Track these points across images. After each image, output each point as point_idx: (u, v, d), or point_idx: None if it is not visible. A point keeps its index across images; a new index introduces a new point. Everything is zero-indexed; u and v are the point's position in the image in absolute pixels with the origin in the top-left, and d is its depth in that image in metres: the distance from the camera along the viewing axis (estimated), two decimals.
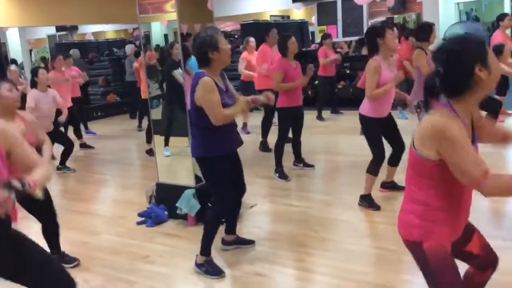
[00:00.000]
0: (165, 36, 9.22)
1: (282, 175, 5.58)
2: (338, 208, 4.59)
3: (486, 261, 2.15)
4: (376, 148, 4.38)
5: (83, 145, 8.42)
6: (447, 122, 1.80)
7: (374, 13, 11.44)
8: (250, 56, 7.73)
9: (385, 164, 4.60)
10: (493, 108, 5.96)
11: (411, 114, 8.62)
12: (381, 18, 11.39)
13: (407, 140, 6.00)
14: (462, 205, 1.97)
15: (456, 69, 1.83)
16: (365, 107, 4.34)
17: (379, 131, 4.38)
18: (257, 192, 5.21)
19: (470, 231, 2.11)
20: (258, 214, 4.63)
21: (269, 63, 6.87)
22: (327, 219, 4.36)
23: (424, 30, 5.14)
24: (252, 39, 7.84)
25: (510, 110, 7.55)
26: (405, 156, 5.63)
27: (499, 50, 5.98)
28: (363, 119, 4.39)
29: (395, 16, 12.37)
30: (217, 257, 3.64)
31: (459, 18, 15.35)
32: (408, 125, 7.14)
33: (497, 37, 7.34)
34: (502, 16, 7.61)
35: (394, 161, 4.66)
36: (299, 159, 5.95)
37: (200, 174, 5.42)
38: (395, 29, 4.34)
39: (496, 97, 6.44)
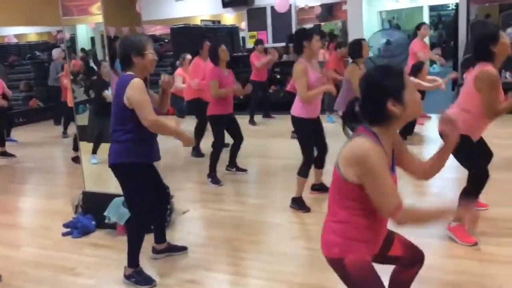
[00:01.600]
0: (92, 39, 8.90)
1: (215, 180, 5.55)
2: (271, 211, 4.63)
3: (412, 259, 2.24)
4: (306, 150, 4.47)
5: (4, 153, 7.93)
6: (369, 150, 1.84)
7: (303, 20, 11.73)
8: (185, 74, 7.55)
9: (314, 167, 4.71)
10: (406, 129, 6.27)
11: (337, 118, 8.92)
12: (309, 25, 11.69)
13: (334, 144, 6.19)
14: (381, 223, 2.05)
15: (370, 100, 1.90)
16: (297, 109, 4.42)
17: (310, 132, 4.48)
18: (190, 197, 5.15)
19: (390, 238, 2.19)
20: (190, 220, 4.57)
21: (201, 78, 6.73)
22: (259, 223, 4.39)
23: (355, 47, 5.40)
24: (189, 56, 7.66)
25: (428, 113, 8.01)
26: (330, 158, 5.80)
27: (417, 68, 6.26)
28: (295, 120, 4.46)
29: (322, 24, 12.76)
30: (148, 266, 3.55)
31: (381, 26, 16.12)
32: (335, 129, 7.38)
33: (415, 45, 7.81)
34: (419, 25, 8.08)
35: (320, 164, 4.77)
36: (232, 163, 5.96)
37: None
38: (325, 41, 4.49)
39: None
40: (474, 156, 3.56)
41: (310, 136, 4.48)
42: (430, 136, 6.96)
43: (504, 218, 3.97)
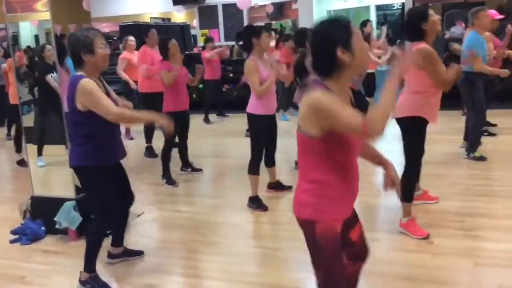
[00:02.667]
0: (36, 37, 8.55)
1: (170, 181, 5.47)
2: (227, 211, 4.62)
3: (359, 252, 2.27)
4: (255, 147, 4.48)
5: None
6: (319, 95, 1.86)
7: (254, 19, 11.77)
8: (130, 55, 7.47)
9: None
10: (362, 109, 6.45)
11: (291, 116, 9.01)
12: (261, 23, 11.74)
13: (287, 142, 6.24)
14: (351, 181, 2.04)
15: (320, 50, 1.91)
16: (252, 106, 4.43)
17: (263, 130, 4.48)
18: (144, 199, 5.04)
19: (355, 218, 2.21)
20: (145, 222, 4.48)
21: (149, 64, 6.69)
22: (216, 223, 4.36)
23: (302, 36, 5.40)
24: (131, 38, 7.58)
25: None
26: (282, 156, 5.85)
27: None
28: (250, 117, 4.47)
29: (273, 22, 12.84)
30: (104, 272, 3.45)
31: None
32: (289, 127, 7.45)
33: None
34: (364, 22, 8.27)
35: (270, 161, 4.80)
36: (186, 164, 5.89)
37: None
38: (273, 33, 4.50)
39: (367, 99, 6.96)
40: (418, 143, 3.71)
41: (261, 134, 4.49)
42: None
43: (452, 211, 4.13)
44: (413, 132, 3.70)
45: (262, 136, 4.50)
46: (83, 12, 4.60)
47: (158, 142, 6.99)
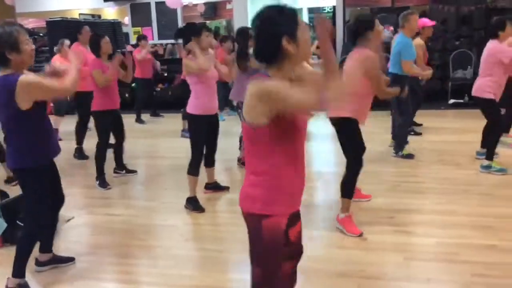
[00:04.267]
0: None
1: (103, 183, 5.28)
2: (164, 213, 4.52)
3: (294, 251, 2.23)
4: (195, 148, 4.43)
5: None
6: (263, 82, 1.83)
7: (188, 18, 11.64)
8: (63, 60, 7.09)
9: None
10: None
11: (228, 116, 9.00)
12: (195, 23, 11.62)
13: (224, 141, 6.17)
14: (299, 170, 2.02)
15: (265, 37, 1.88)
16: (193, 105, 4.37)
17: (203, 130, 4.43)
18: (74, 203, 4.82)
19: (298, 215, 2.17)
20: (76, 227, 4.29)
21: (83, 64, 6.41)
22: (152, 226, 4.25)
23: (243, 35, 5.41)
24: (67, 42, 7.20)
25: None
26: (219, 156, 5.82)
27: None
28: (191, 117, 4.40)
29: (208, 22, 12.75)
30: (32, 279, 3.26)
31: None
32: (226, 127, 7.43)
33: None
34: None
35: (209, 162, 4.76)
36: (121, 165, 5.71)
37: (5, 189, 4.82)
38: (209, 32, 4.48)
39: None
40: (355, 141, 3.84)
41: (202, 134, 4.44)
42: (313, 131, 7.30)
43: (383, 208, 4.29)
44: (348, 132, 3.82)
45: (202, 136, 4.45)
46: (6, 7, 4.34)
47: (89, 143, 6.74)
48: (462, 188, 4.68)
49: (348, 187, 3.85)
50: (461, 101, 9.15)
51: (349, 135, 3.82)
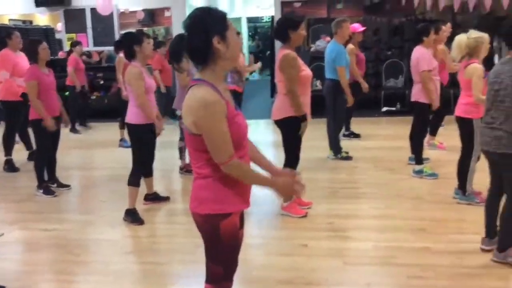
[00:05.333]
0: None
1: (48, 191, 5.14)
2: (101, 226, 4.36)
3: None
4: (137, 158, 4.34)
5: None
6: (204, 100, 1.87)
7: (125, 25, 11.41)
8: None
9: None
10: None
11: (166, 125, 8.87)
12: (132, 30, 11.41)
13: (163, 151, 6.08)
14: None
15: (196, 36, 1.92)
16: (133, 114, 4.26)
17: (145, 139, 4.33)
18: (4, 219, 4.56)
19: (243, 220, 2.22)
20: (6, 244, 4.04)
21: (11, 70, 6.11)
22: (89, 240, 4.09)
23: (178, 43, 5.36)
24: None
25: (249, 119, 8.46)
26: (157, 166, 5.72)
27: None
28: (132, 127, 4.30)
29: (145, 29, 12.55)
30: None
31: None
32: (164, 136, 7.31)
33: None
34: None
35: (148, 172, 4.67)
36: (53, 178, 5.45)
37: None
38: (151, 39, 4.42)
39: None
40: (296, 139, 3.99)
41: (144, 143, 4.34)
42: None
43: (323, 214, 4.38)
44: (292, 131, 3.96)
45: (144, 145, 4.35)
46: None
47: (18, 155, 6.43)
48: (396, 193, 4.87)
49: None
50: (394, 108, 9.56)
51: (292, 134, 3.98)
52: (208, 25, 1.90)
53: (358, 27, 6.82)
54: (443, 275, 3.20)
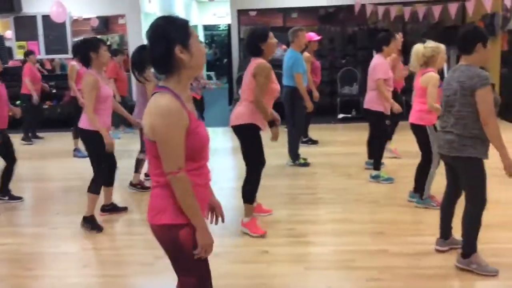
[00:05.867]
0: None
1: (13, 196, 5.17)
2: (55, 239, 4.22)
3: None
4: (97, 165, 4.25)
5: None
6: (164, 109, 1.84)
7: (78, 32, 11.16)
8: None
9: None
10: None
11: (124, 133, 8.71)
12: (86, 37, 11.17)
13: (121, 162, 5.98)
14: (201, 180, 2.01)
15: (158, 46, 1.89)
16: (87, 122, 4.17)
17: (102, 146, 4.24)
18: None
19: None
20: None
21: None
22: (43, 254, 3.95)
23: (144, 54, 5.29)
24: None
25: (209, 127, 8.43)
26: (120, 176, 5.61)
27: None
28: (86, 134, 4.21)
29: (99, 36, 12.34)
30: None
31: None
32: (122, 145, 7.19)
33: None
34: None
35: (109, 181, 4.57)
36: (5, 191, 5.24)
37: None
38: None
39: None
40: (255, 147, 3.98)
41: (102, 150, 4.24)
42: (214, 146, 7.31)
43: (282, 220, 4.41)
44: (250, 138, 3.96)
45: (104, 152, 4.24)
46: None
47: None
48: (354, 197, 4.97)
49: (249, 193, 4.02)
50: (349, 115, 9.79)
51: (251, 141, 3.97)
52: (170, 35, 1.88)
53: (313, 36, 6.96)
54: (400, 277, 3.28)
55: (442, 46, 4.36)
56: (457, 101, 3.16)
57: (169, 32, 1.88)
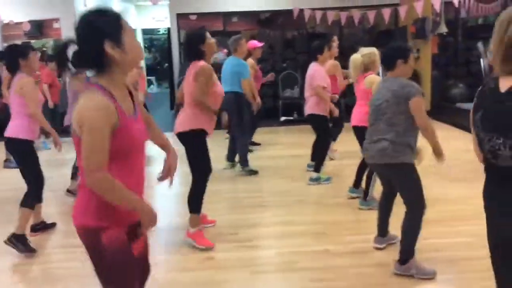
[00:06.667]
0: None
1: None
2: None
3: (141, 268, 2.04)
4: (34, 176, 4.03)
5: None
6: (92, 103, 1.72)
7: (9, 37, 10.66)
8: None
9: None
10: None
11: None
12: (17, 42, 10.66)
13: (49, 172, 5.69)
14: (132, 182, 1.87)
15: (86, 42, 1.76)
16: (24, 130, 3.95)
17: (35, 157, 4.03)
18: None
19: (139, 226, 1.93)
20: None
21: None
22: None
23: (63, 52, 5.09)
24: None
25: None
26: (48, 187, 5.34)
27: None
28: (22, 143, 3.97)
29: (33, 41, 11.83)
30: None
31: None
32: (50, 155, 6.87)
33: None
34: None
35: (39, 197, 4.30)
36: None
37: None
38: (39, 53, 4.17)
39: None
40: (202, 154, 3.88)
41: (36, 159, 4.04)
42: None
43: (227, 225, 4.36)
44: (196, 145, 3.85)
45: (35, 160, 4.04)
46: None
47: None
48: (297, 199, 5.01)
49: (194, 203, 3.89)
50: (291, 118, 9.91)
51: (197, 148, 3.86)
52: (99, 29, 1.73)
53: (256, 43, 6.95)
54: (343, 276, 3.33)
55: (376, 50, 4.51)
56: (389, 109, 3.21)
57: (98, 26, 1.74)
